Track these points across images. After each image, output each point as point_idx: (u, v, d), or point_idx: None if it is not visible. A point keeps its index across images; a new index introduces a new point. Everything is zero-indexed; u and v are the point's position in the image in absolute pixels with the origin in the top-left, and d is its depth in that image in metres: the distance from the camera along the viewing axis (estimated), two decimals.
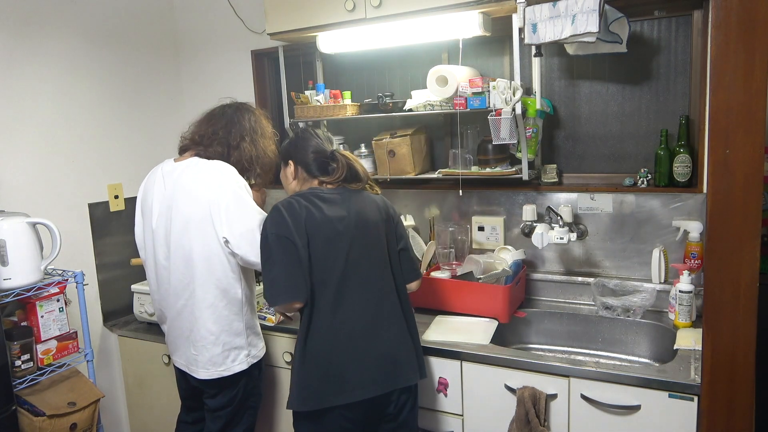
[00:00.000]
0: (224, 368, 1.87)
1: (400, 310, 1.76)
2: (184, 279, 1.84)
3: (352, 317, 1.69)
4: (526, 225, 2.25)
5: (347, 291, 1.69)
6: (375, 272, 1.74)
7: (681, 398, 1.62)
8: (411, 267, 1.86)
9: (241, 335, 1.89)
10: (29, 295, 1.97)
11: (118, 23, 2.62)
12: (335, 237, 1.69)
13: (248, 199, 1.83)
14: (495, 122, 2.04)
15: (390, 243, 1.80)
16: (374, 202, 1.80)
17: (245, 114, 1.92)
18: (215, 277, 1.83)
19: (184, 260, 1.83)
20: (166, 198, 1.87)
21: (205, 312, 1.84)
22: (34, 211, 2.18)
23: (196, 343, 1.86)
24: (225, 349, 1.86)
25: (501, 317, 2.12)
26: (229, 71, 2.87)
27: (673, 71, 2.12)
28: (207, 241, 1.80)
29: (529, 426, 1.77)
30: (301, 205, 1.70)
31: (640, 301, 2.07)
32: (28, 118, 2.27)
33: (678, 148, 2.06)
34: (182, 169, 1.87)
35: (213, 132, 1.88)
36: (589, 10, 1.80)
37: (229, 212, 1.78)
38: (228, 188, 1.80)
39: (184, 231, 1.82)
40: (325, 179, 1.78)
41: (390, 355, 1.71)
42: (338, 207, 1.73)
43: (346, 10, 2.13)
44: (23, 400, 1.96)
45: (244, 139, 1.88)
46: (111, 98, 2.59)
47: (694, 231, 2.03)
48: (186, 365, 1.93)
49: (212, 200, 1.78)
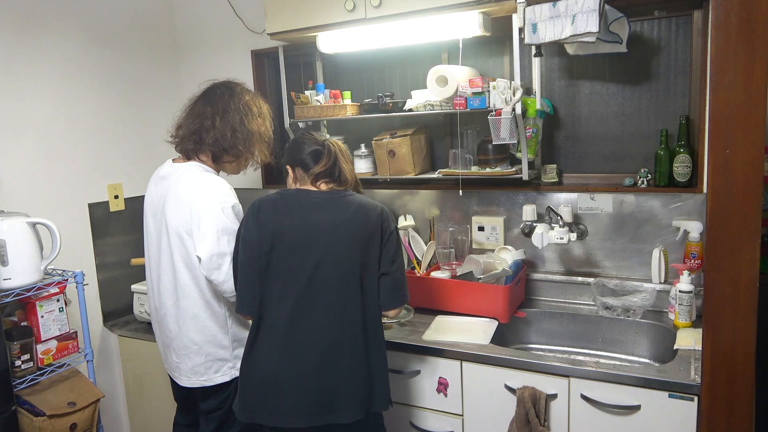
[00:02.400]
0: (206, 378, 1.85)
1: (361, 340, 1.62)
2: (170, 286, 1.84)
3: (305, 342, 1.59)
4: (526, 225, 2.25)
5: (306, 311, 1.59)
6: (342, 293, 1.60)
7: (681, 398, 1.62)
8: (391, 294, 1.67)
9: (226, 348, 1.85)
10: (29, 295, 1.97)
11: (118, 23, 2.62)
12: (304, 246, 1.58)
13: (230, 224, 1.76)
14: (495, 122, 2.04)
15: (368, 263, 1.63)
16: (365, 214, 1.63)
17: (231, 99, 1.88)
18: (199, 289, 1.81)
19: (170, 267, 1.83)
20: (160, 201, 1.86)
21: (189, 322, 1.82)
22: (34, 211, 2.18)
23: (179, 352, 1.85)
24: (208, 360, 1.84)
25: (501, 317, 2.12)
26: (229, 71, 2.85)
27: (673, 71, 2.12)
28: (191, 252, 1.78)
29: (529, 426, 1.77)
30: (278, 205, 1.63)
31: (640, 301, 2.07)
32: (28, 118, 2.27)
33: (678, 148, 2.06)
34: (179, 174, 1.84)
35: (203, 126, 1.84)
36: (589, 10, 1.80)
37: (206, 233, 1.73)
38: (212, 208, 1.75)
39: (171, 239, 1.80)
40: (317, 170, 1.66)
41: (333, 387, 1.59)
42: (320, 213, 1.62)
43: (346, 10, 2.13)
44: (23, 400, 1.96)
45: (235, 126, 1.85)
46: (111, 98, 2.59)
47: (694, 231, 2.03)
48: (170, 371, 1.94)
49: (196, 216, 1.75)
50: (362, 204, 1.66)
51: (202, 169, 1.86)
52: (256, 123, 1.92)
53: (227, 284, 1.75)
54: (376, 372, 1.67)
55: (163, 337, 1.92)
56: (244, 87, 1.97)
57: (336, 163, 1.68)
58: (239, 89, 1.93)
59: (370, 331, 1.65)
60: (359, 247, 1.61)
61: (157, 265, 1.88)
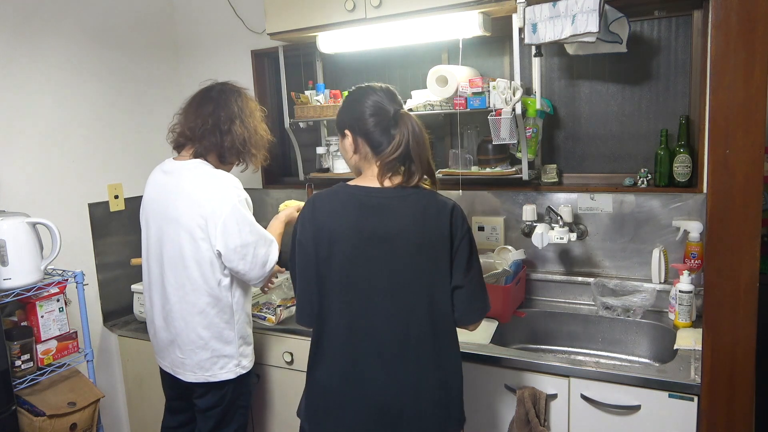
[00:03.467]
0: (210, 374, 1.86)
1: (430, 355, 1.44)
2: (177, 282, 1.84)
3: (367, 353, 1.43)
4: (526, 225, 2.25)
5: (366, 323, 1.42)
6: (404, 303, 1.41)
7: (681, 398, 1.62)
8: (466, 308, 1.47)
9: (231, 344, 1.87)
10: (29, 295, 1.97)
11: (118, 23, 2.62)
12: (363, 256, 1.41)
13: (247, 214, 1.81)
14: (495, 122, 2.04)
15: (438, 269, 1.42)
16: (433, 216, 1.41)
17: (231, 96, 1.89)
18: (208, 285, 1.82)
19: (177, 263, 1.83)
20: (165, 197, 1.86)
21: (196, 317, 1.83)
22: (34, 211, 2.18)
23: (184, 347, 1.86)
24: (214, 356, 1.85)
25: (501, 317, 2.11)
26: (229, 71, 2.87)
27: (673, 71, 2.12)
28: (202, 248, 1.79)
29: (529, 426, 1.77)
30: (335, 205, 1.43)
31: (640, 301, 2.07)
32: (28, 118, 2.27)
33: (678, 148, 2.06)
34: (185, 172, 1.85)
35: (203, 122, 1.85)
36: (589, 10, 1.80)
37: (226, 226, 1.76)
38: (228, 201, 1.77)
39: (180, 235, 1.80)
40: (388, 157, 1.40)
41: (397, 404, 1.43)
42: (379, 217, 1.40)
43: (346, 10, 2.13)
44: (23, 400, 1.95)
45: (234, 123, 1.86)
46: (111, 98, 2.59)
47: (694, 231, 2.03)
48: (171, 367, 1.93)
49: (211, 211, 1.76)
50: (430, 204, 1.42)
51: (209, 165, 1.87)
52: (263, 128, 1.96)
53: (254, 272, 1.81)
54: (449, 390, 1.48)
55: (166, 333, 1.91)
56: (247, 91, 1.98)
57: (408, 150, 1.41)
58: (245, 92, 1.95)
59: (443, 346, 1.46)
60: (425, 255, 1.41)
61: (160, 260, 1.87)
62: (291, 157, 2.93)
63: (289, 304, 2.31)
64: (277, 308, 2.26)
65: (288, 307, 2.28)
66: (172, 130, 1.95)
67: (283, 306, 2.28)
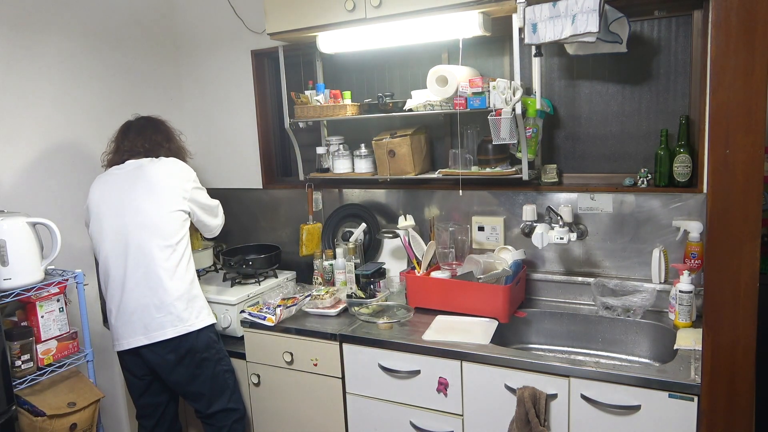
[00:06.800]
0: (189, 324, 2.06)
1: None
2: (145, 245, 2.02)
3: None
4: (526, 225, 2.25)
5: None
6: None
7: (681, 398, 1.62)
8: None
9: (199, 297, 2.13)
10: (29, 295, 1.97)
11: (119, 23, 2.62)
12: None
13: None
14: (495, 122, 2.04)
15: None
16: None
17: (158, 122, 2.27)
18: (174, 240, 2.07)
19: (144, 226, 2.03)
20: (127, 180, 2.09)
21: (170, 271, 2.05)
22: (34, 211, 2.18)
23: (163, 303, 2.02)
24: (189, 306, 2.07)
25: (501, 317, 2.12)
26: (229, 71, 2.87)
27: (673, 71, 2.12)
28: (170, 207, 2.06)
29: (529, 426, 1.77)
30: None
31: (640, 301, 2.07)
32: (28, 118, 2.27)
33: (678, 148, 2.06)
34: (145, 162, 2.13)
35: (151, 139, 2.19)
36: (589, 10, 1.80)
37: (194, 191, 2.17)
38: (192, 175, 2.20)
39: (148, 197, 2.04)
40: None
41: None
42: None
43: (346, 10, 2.13)
44: (23, 400, 1.96)
45: (171, 138, 2.27)
46: (111, 98, 2.59)
47: (694, 231, 2.03)
48: (146, 333, 2.02)
49: (184, 179, 2.14)
50: None
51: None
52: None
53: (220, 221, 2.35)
54: None
55: (137, 303, 2.03)
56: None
57: None
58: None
59: None
60: None
61: (125, 241, 2.04)
62: (291, 157, 2.93)
63: (289, 304, 2.31)
64: (277, 308, 2.26)
65: (288, 307, 2.28)
66: (122, 150, 2.19)
67: (283, 306, 2.29)
